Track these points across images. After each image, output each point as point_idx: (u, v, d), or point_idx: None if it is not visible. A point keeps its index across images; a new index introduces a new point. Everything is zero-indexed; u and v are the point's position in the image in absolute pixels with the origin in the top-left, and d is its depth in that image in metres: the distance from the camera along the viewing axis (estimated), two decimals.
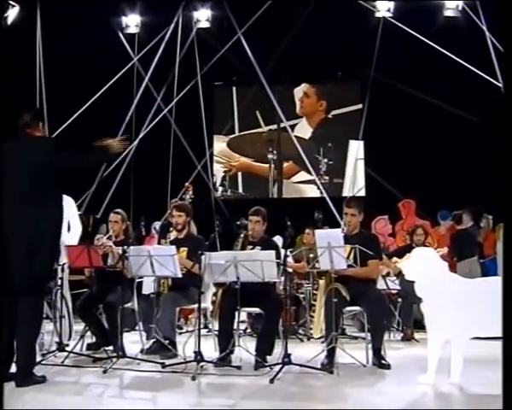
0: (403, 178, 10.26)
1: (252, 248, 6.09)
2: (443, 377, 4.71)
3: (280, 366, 5.07)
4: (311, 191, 10.95)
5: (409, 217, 10.06)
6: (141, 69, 10.78)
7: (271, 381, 4.77)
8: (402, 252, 7.91)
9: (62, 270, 6.00)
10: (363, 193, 11.00)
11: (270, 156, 10.99)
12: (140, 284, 7.35)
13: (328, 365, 5.39)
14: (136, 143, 10.35)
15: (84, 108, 10.16)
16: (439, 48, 9.76)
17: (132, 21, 11.30)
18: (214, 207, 10.32)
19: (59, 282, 6.39)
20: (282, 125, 10.62)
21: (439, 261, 4.89)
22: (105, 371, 5.18)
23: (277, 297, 5.94)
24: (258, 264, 5.44)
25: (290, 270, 7.87)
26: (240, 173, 11.30)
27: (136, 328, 7.19)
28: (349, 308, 5.94)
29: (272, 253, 5.47)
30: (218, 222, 5.98)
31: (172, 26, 10.62)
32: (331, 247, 5.37)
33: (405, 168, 10.30)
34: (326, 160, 10.92)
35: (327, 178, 10.91)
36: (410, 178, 10.23)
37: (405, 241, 8.81)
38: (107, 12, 10.85)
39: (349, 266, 5.67)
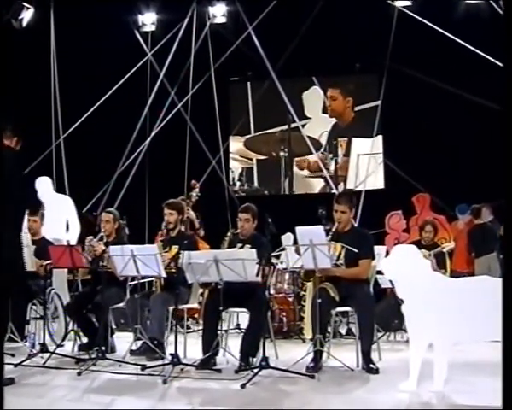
0: (421, 171, 9.78)
1: (241, 247, 5.82)
2: (428, 384, 4.35)
3: (256, 370, 4.81)
4: (319, 185, 11.02)
5: (423, 211, 9.57)
6: (156, 65, 10.60)
7: (243, 386, 4.50)
8: None
9: (45, 270, 5.84)
10: (381, 186, 10.65)
11: (281, 154, 11.23)
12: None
13: (313, 368, 5.09)
14: (148, 140, 10.20)
15: (99, 104, 10.01)
16: (459, 40, 9.24)
17: (148, 19, 11.14)
18: (228, 203, 10.09)
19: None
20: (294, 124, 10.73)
21: (421, 260, 4.52)
22: (79, 373, 5.01)
23: (263, 297, 5.63)
24: (239, 263, 5.17)
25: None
26: (255, 169, 11.41)
27: None
28: (339, 309, 5.62)
29: (253, 251, 5.19)
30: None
31: (187, 20, 10.41)
32: (313, 245, 5.06)
33: (424, 161, 9.81)
34: (331, 155, 10.77)
35: (332, 171, 10.83)
36: (428, 171, 9.74)
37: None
38: (122, 11, 10.71)
39: (337, 265, 5.40)
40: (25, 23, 10.22)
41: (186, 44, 10.53)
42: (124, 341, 6.33)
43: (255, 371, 4.81)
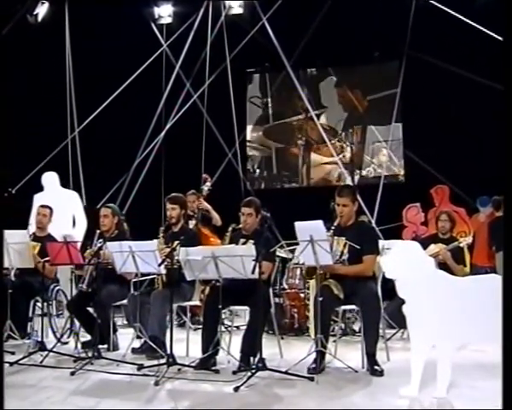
0: (441, 161, 9.32)
1: (244, 242, 5.56)
2: (432, 389, 4.04)
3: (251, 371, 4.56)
4: (336, 172, 10.77)
5: (442, 204, 9.11)
6: (171, 57, 10.36)
7: (236, 389, 4.25)
8: (426, 242, 7.15)
9: (43, 267, 5.67)
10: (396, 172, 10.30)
11: (299, 142, 11.06)
12: None
13: (314, 369, 4.82)
14: (163, 133, 9.99)
15: (113, 97, 9.80)
16: (480, 26, 8.77)
17: (165, 12, 10.92)
18: (244, 196, 9.79)
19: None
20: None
21: (424, 257, 4.20)
22: (73, 373, 4.83)
23: (265, 295, 5.36)
24: (238, 259, 4.92)
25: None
26: (274, 157, 11.29)
27: None
28: (344, 307, 5.33)
29: (251, 247, 4.93)
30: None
31: (203, 10, 10.15)
32: (313, 240, 4.77)
33: (444, 150, 9.36)
34: (347, 143, 10.53)
35: (348, 158, 10.61)
36: (448, 161, 9.27)
37: None
38: (138, 3, 10.52)
39: (341, 262, 5.11)
40: (40, 18, 10.13)
41: (202, 36, 10.28)
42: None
43: (252, 372, 4.55)
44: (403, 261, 4.13)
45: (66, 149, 9.80)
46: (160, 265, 5.04)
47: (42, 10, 10.08)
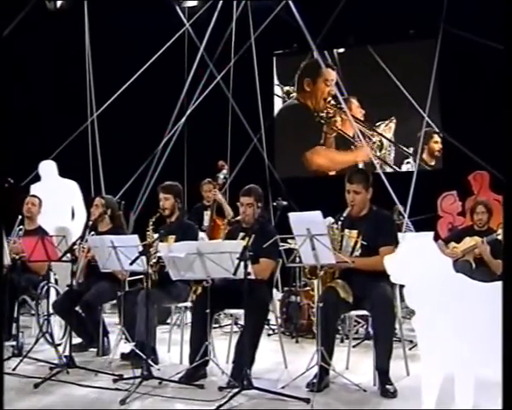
0: (482, 145, 8.15)
1: (244, 236, 4.71)
2: None
3: (236, 390, 3.72)
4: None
5: (481, 192, 7.98)
6: (194, 38, 9.50)
7: None
8: (461, 235, 6.19)
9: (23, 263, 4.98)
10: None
11: (328, 136, 9.86)
12: None
13: (313, 385, 3.96)
14: (184, 119, 9.19)
15: (132, 81, 9.00)
16: None
17: None
18: (269, 184, 8.90)
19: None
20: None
21: (439, 257, 3.24)
22: (36, 386, 4.10)
23: (265, 296, 4.50)
24: (226, 257, 4.09)
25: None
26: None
27: (168, 321, 6.19)
28: (354, 313, 4.42)
29: (240, 243, 4.09)
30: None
31: None
32: (311, 235, 3.88)
33: (484, 133, 8.19)
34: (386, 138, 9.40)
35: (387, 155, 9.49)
36: (490, 145, 8.07)
37: None
38: None
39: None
40: (59, 4, 9.51)
41: (227, 17, 9.42)
42: None
43: (236, 392, 3.72)
44: (412, 263, 3.19)
45: (83, 137, 9.10)
46: (131, 263, 4.24)
47: None
